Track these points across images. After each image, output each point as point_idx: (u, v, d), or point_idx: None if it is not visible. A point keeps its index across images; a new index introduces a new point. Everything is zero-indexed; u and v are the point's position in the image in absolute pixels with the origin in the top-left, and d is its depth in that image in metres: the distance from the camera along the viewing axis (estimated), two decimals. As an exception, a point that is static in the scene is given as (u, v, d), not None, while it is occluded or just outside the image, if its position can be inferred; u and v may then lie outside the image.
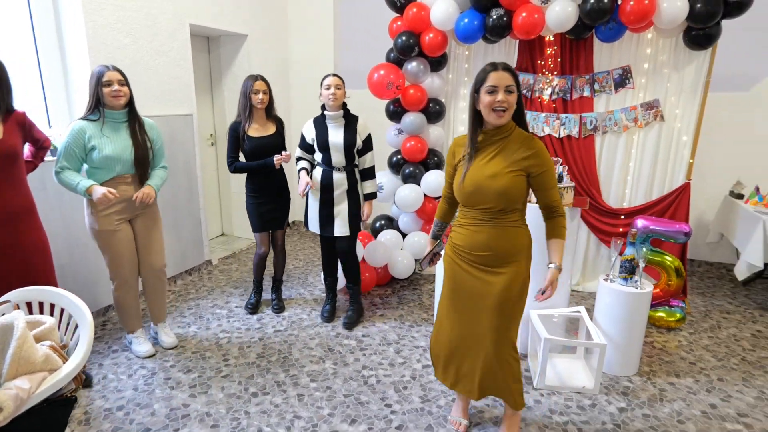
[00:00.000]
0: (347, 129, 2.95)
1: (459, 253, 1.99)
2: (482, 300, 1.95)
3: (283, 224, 3.33)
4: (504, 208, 1.87)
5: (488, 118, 1.83)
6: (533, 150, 1.83)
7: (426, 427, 2.26)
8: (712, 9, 2.94)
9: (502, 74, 1.77)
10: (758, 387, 2.61)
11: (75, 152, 2.45)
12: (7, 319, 1.48)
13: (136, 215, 2.70)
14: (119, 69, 2.50)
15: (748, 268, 3.36)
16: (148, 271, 2.80)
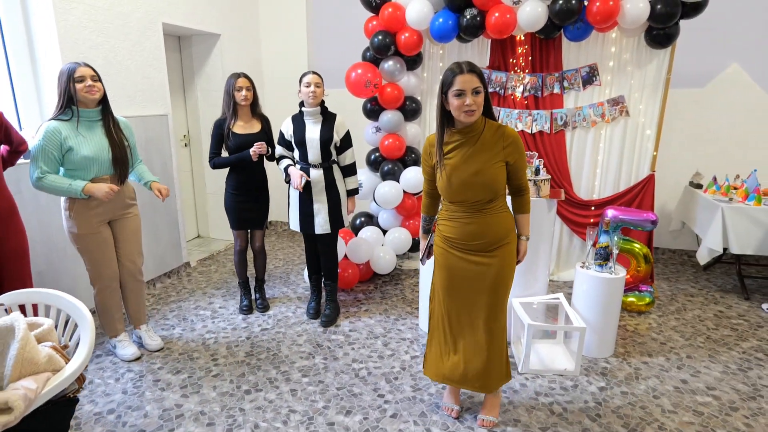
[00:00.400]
0: (324, 125, 2.99)
1: (452, 243, 2.07)
2: (479, 281, 2.06)
3: (263, 224, 3.33)
4: (491, 198, 1.97)
5: (459, 118, 1.90)
6: (510, 139, 1.95)
7: (419, 414, 2.33)
8: (671, 10, 3.13)
9: (468, 77, 1.82)
10: (723, 362, 2.80)
11: (53, 154, 2.36)
12: (7, 321, 1.45)
13: (118, 216, 2.66)
14: (90, 65, 2.44)
15: (709, 252, 3.58)
16: (126, 273, 2.76)
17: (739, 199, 3.56)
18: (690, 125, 4.30)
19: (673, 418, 2.31)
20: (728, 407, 2.39)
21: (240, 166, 3.12)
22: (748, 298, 3.67)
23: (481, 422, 2.23)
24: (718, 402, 2.43)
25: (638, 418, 2.30)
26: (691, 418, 2.30)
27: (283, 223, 5.53)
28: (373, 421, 2.27)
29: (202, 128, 4.72)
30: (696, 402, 2.43)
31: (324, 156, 3.01)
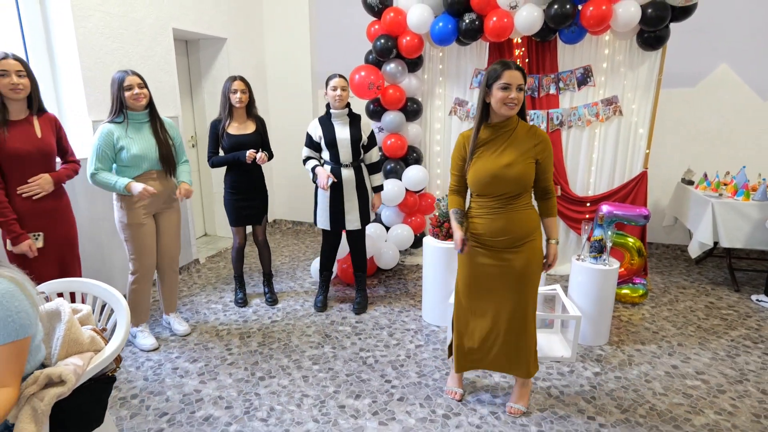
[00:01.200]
0: (352, 126, 3.13)
1: (480, 241, 2.17)
2: (503, 278, 2.16)
3: (261, 220, 3.46)
4: (518, 193, 2.08)
5: (500, 111, 2.01)
6: (541, 138, 2.07)
7: (425, 397, 2.47)
8: (662, 14, 3.27)
9: (515, 73, 1.96)
10: (712, 349, 2.95)
11: (107, 153, 2.63)
12: (53, 305, 1.59)
13: (162, 210, 2.89)
14: (138, 73, 2.67)
15: (700, 246, 3.73)
16: (166, 263, 3.00)
17: (729, 195, 3.72)
18: (682, 124, 4.45)
19: (663, 399, 2.45)
20: (716, 390, 2.54)
21: (236, 165, 3.25)
22: (738, 290, 3.82)
23: (510, 409, 2.34)
24: (706, 385, 2.58)
25: (631, 400, 2.45)
26: (680, 400, 2.45)
27: (287, 221, 5.67)
28: (382, 404, 2.41)
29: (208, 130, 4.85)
30: (686, 385, 2.58)
31: (354, 155, 3.15)
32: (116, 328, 1.69)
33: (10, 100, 2.26)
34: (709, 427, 2.25)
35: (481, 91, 2.06)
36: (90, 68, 3.19)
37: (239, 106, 3.20)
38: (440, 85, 4.21)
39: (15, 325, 1.31)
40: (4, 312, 1.30)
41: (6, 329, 1.30)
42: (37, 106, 2.38)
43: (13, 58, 2.24)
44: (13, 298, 1.32)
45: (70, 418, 1.52)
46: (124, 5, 3.41)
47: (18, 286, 1.35)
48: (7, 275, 1.36)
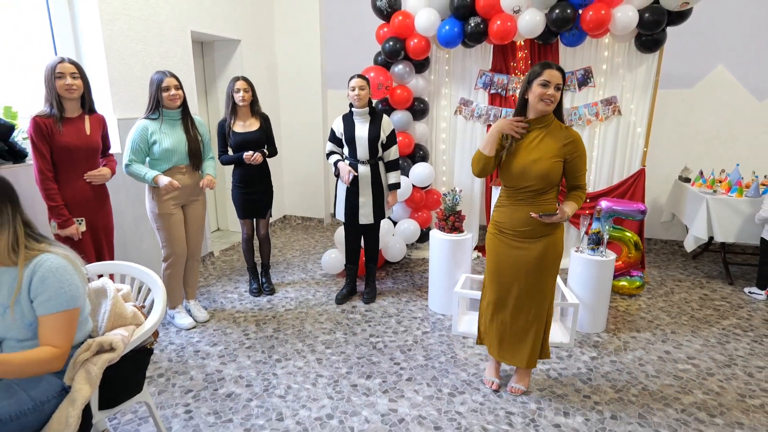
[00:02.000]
0: (372, 124, 3.28)
1: (502, 231, 2.32)
2: (524, 264, 2.29)
3: (265, 213, 3.64)
4: (542, 188, 2.19)
5: (536, 107, 2.14)
6: (572, 138, 2.16)
7: (431, 378, 2.64)
8: (658, 18, 3.43)
9: (555, 73, 2.09)
10: (704, 337, 3.10)
11: (141, 147, 2.87)
12: (98, 283, 1.78)
13: (189, 201, 3.10)
14: (175, 75, 2.90)
15: (695, 241, 3.89)
16: (190, 252, 3.20)
17: (723, 192, 3.87)
18: (680, 123, 4.61)
19: (655, 381, 2.62)
20: (705, 373, 2.70)
21: (242, 162, 3.40)
22: (732, 283, 3.97)
23: (511, 389, 2.51)
24: (696, 369, 2.74)
25: (624, 381, 2.61)
26: (671, 382, 2.61)
27: (297, 216, 5.85)
28: (391, 384, 2.59)
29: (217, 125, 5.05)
30: (677, 369, 2.74)
31: (371, 153, 3.31)
32: (154, 304, 1.87)
33: (65, 99, 2.48)
34: (696, 405, 2.41)
35: (522, 88, 2.19)
36: (115, 68, 3.37)
37: (243, 105, 3.36)
38: (446, 85, 4.38)
39: (66, 296, 1.49)
40: (57, 284, 1.48)
41: (58, 299, 1.48)
42: (89, 105, 2.61)
43: (68, 62, 2.46)
44: (65, 272, 1.50)
45: (116, 384, 1.70)
46: (146, 9, 3.59)
47: (70, 263, 1.53)
48: (60, 253, 1.54)
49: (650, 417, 2.32)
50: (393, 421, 2.29)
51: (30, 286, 1.47)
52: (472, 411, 2.37)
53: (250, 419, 2.30)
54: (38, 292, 1.46)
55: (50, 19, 3.21)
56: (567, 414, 2.35)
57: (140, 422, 2.28)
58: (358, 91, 3.20)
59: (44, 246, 1.54)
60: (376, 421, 2.29)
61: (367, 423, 2.28)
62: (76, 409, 1.49)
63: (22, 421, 1.46)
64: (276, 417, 2.32)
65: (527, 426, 2.26)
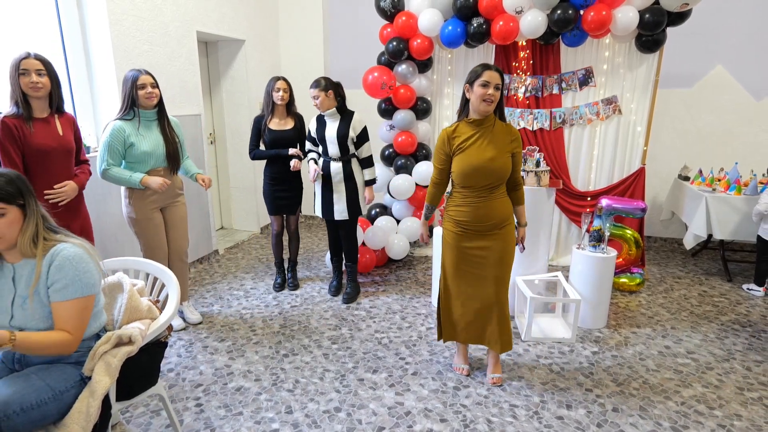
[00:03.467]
0: (341, 123, 3.33)
1: (463, 227, 2.41)
2: (486, 259, 2.42)
3: (295, 210, 3.71)
4: (497, 184, 2.34)
5: (478, 107, 2.26)
6: (515, 136, 2.35)
7: (436, 372, 2.70)
8: (658, 19, 3.48)
9: (494, 74, 2.22)
10: (703, 332, 3.16)
11: (118, 150, 2.74)
12: (114, 278, 1.82)
13: (168, 204, 3.03)
14: (150, 73, 2.80)
15: (694, 238, 3.94)
16: (173, 254, 3.13)
17: (722, 190, 3.93)
18: (679, 123, 4.66)
19: (655, 375, 2.67)
20: (704, 367, 2.75)
21: (276, 159, 3.51)
22: (731, 280, 4.03)
23: (492, 380, 2.58)
24: (695, 363, 2.80)
25: (625, 375, 2.66)
26: (671, 376, 2.67)
27: (300, 215, 5.90)
28: (397, 378, 2.64)
29: (226, 127, 5.10)
30: (677, 363, 2.79)
31: (342, 150, 3.36)
32: (168, 299, 1.92)
33: (32, 98, 2.36)
34: (696, 397, 2.47)
35: (464, 88, 2.32)
36: (123, 68, 3.41)
37: (281, 103, 3.45)
38: (449, 85, 4.43)
39: (81, 283, 1.54)
40: (74, 271, 1.53)
41: (74, 286, 1.53)
42: (56, 104, 2.46)
43: (34, 57, 2.31)
44: (82, 260, 1.55)
45: (133, 375, 1.75)
46: (153, 10, 3.64)
47: (87, 252, 1.58)
48: (77, 242, 1.59)
49: (651, 409, 2.37)
50: (400, 413, 2.34)
51: (48, 274, 1.52)
52: (476, 404, 2.42)
53: (260, 412, 2.35)
54: (55, 279, 1.51)
55: (59, 20, 3.25)
56: (570, 407, 2.40)
57: (152, 415, 2.33)
58: (313, 100, 3.27)
59: (61, 237, 1.59)
60: (383, 413, 2.34)
61: (374, 415, 2.33)
62: (96, 399, 1.54)
63: (44, 409, 1.51)
64: (285, 410, 2.37)
65: (531, 418, 2.32)
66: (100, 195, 3.32)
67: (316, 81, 3.27)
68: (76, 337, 1.54)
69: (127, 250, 3.55)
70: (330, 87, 3.27)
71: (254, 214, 5.31)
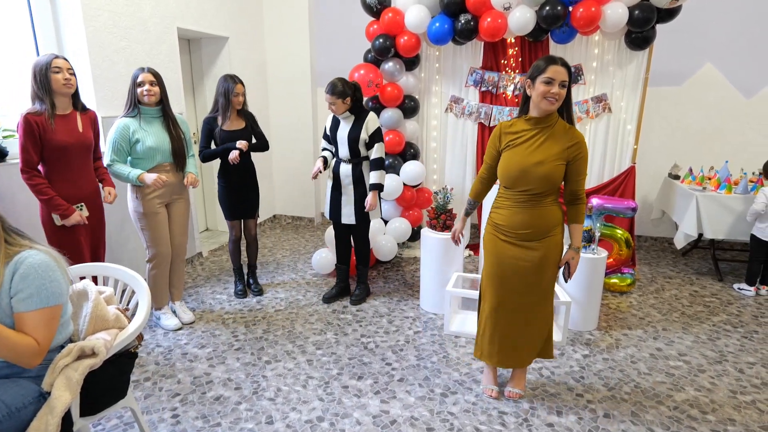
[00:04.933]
0: (354, 125, 3.23)
1: (501, 232, 2.22)
2: (525, 268, 2.18)
3: (254, 214, 3.58)
4: (543, 192, 2.09)
5: (540, 105, 2.02)
6: (576, 140, 2.05)
7: (423, 378, 2.61)
8: (648, 15, 3.43)
9: (561, 69, 1.96)
10: (695, 334, 3.11)
11: (122, 147, 2.80)
12: (79, 286, 1.72)
13: (173, 200, 3.03)
14: (153, 71, 2.82)
15: (685, 237, 3.90)
16: (174, 252, 3.13)
17: (712, 189, 3.88)
18: (669, 121, 4.62)
19: (647, 378, 2.61)
20: (696, 369, 2.70)
21: (225, 161, 3.34)
22: (722, 279, 3.99)
23: (510, 394, 2.43)
24: (688, 365, 2.74)
25: (617, 379, 2.60)
26: (663, 379, 2.61)
27: (287, 216, 5.80)
28: (383, 384, 2.55)
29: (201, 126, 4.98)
30: (668, 365, 2.74)
31: (352, 153, 3.27)
32: (138, 306, 1.81)
33: (58, 95, 2.45)
34: (689, 402, 2.41)
35: (524, 85, 2.10)
36: (99, 65, 3.30)
37: (238, 107, 3.33)
38: (437, 83, 4.35)
39: (47, 293, 1.44)
40: (40, 280, 1.43)
41: (39, 296, 1.43)
42: (81, 103, 2.60)
43: (63, 59, 2.44)
44: (48, 268, 1.45)
45: (99, 389, 1.65)
46: (131, 5, 3.52)
47: (53, 260, 1.48)
48: (43, 249, 1.49)
49: (643, 415, 2.31)
50: (385, 422, 2.26)
51: (11, 283, 1.41)
52: (464, 411, 2.34)
53: (239, 423, 2.25)
54: (18, 288, 1.41)
55: (31, 15, 3.13)
56: (560, 413, 2.33)
57: (126, 427, 2.22)
58: (329, 106, 3.18)
59: (26, 242, 1.49)
60: (367, 423, 2.25)
61: (358, 425, 2.24)
62: (56, 416, 1.44)
63: (-1, 429, 1.40)
64: (266, 420, 2.27)
65: (520, 426, 2.24)
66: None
67: (332, 85, 3.11)
68: (42, 347, 1.43)
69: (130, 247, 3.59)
70: (348, 94, 3.13)
71: (240, 216, 5.19)
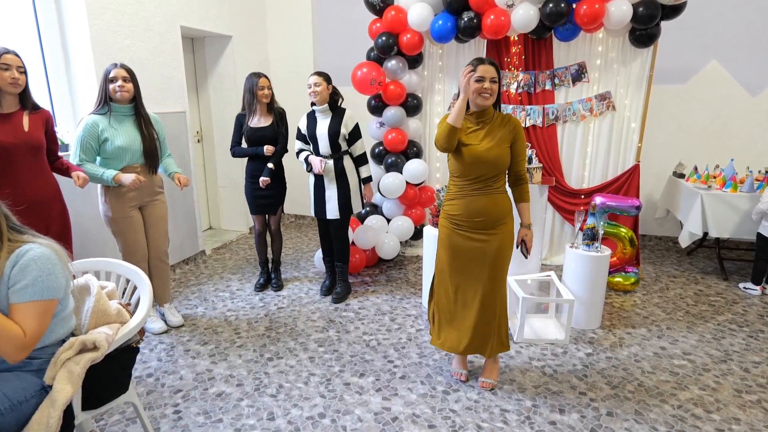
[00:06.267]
0: (333, 120, 3.27)
1: (456, 222, 2.34)
2: (480, 257, 2.33)
3: (277, 210, 3.62)
4: (494, 175, 2.26)
5: (476, 101, 2.22)
6: (513, 124, 2.28)
7: (425, 375, 2.61)
8: (652, 12, 3.41)
9: (489, 67, 2.18)
10: (699, 333, 3.08)
11: (91, 145, 2.68)
12: (81, 281, 1.72)
13: (146, 202, 2.94)
14: (126, 67, 2.71)
15: (690, 236, 3.87)
16: (153, 255, 3.04)
17: (717, 187, 3.86)
18: (673, 119, 4.59)
19: (651, 377, 2.59)
20: (701, 369, 2.68)
21: (256, 157, 3.45)
22: (727, 278, 3.96)
23: (482, 383, 2.50)
24: (692, 364, 2.72)
25: (620, 378, 2.58)
26: (667, 378, 2.59)
27: (290, 214, 5.80)
28: (385, 382, 2.55)
29: (214, 125, 5.00)
30: (673, 365, 2.72)
31: (333, 148, 3.29)
32: (140, 301, 1.82)
33: (4, 93, 2.31)
34: (693, 401, 2.39)
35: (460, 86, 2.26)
36: (103, 64, 3.29)
37: (265, 101, 3.39)
38: (440, 81, 4.34)
39: (43, 285, 1.43)
40: (37, 273, 1.43)
41: (34, 287, 1.42)
42: (31, 102, 2.43)
43: (14, 54, 2.30)
44: (47, 261, 1.45)
45: (100, 383, 1.65)
46: (134, 4, 3.53)
47: (55, 253, 1.49)
48: (45, 243, 1.49)
49: (646, 413, 2.29)
50: (386, 419, 2.25)
51: (10, 275, 1.42)
52: (466, 409, 2.33)
53: (241, 419, 2.25)
54: (16, 279, 1.41)
55: (35, 13, 3.14)
56: (563, 411, 2.31)
57: (128, 423, 2.23)
58: (314, 87, 3.20)
59: (27, 237, 1.50)
60: (369, 419, 2.25)
61: (360, 422, 2.24)
62: (57, 410, 1.44)
63: (0, 421, 1.41)
64: (267, 416, 2.27)
65: (522, 423, 2.23)
66: (78, 194, 3.19)
67: (319, 71, 3.26)
68: (29, 340, 1.41)
69: (108, 252, 3.43)
70: (330, 82, 3.27)
71: (243, 214, 5.20)
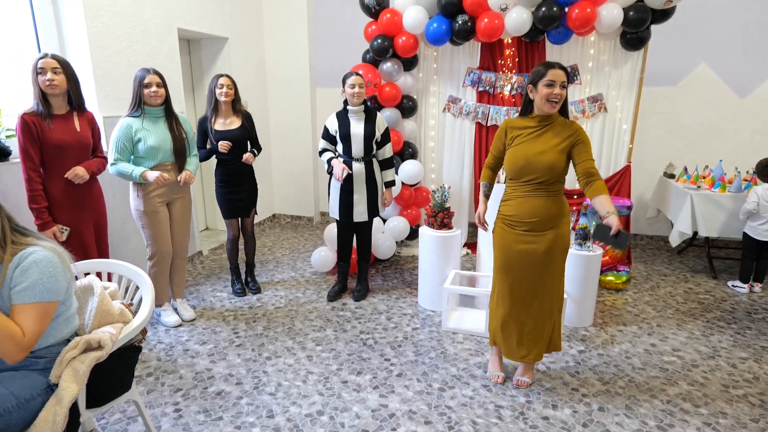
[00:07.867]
0: (368, 122, 3.28)
1: (509, 223, 2.34)
2: (531, 258, 2.30)
3: (250, 212, 3.61)
4: (548, 179, 2.22)
5: (542, 108, 2.19)
6: (574, 129, 2.22)
7: (422, 373, 2.66)
8: (642, 16, 3.48)
9: (559, 72, 2.14)
10: (689, 330, 3.16)
11: (126, 146, 2.85)
12: (85, 281, 1.76)
13: (174, 199, 3.08)
14: (159, 72, 2.88)
15: (680, 235, 3.94)
16: (175, 250, 3.18)
17: (707, 187, 3.94)
18: (664, 120, 4.67)
19: (641, 373, 2.66)
20: (690, 365, 2.75)
21: (224, 161, 3.38)
22: (716, 277, 4.04)
23: (518, 382, 2.52)
24: (681, 361, 2.79)
25: (612, 374, 2.65)
26: (657, 374, 2.65)
27: (286, 215, 5.84)
28: (382, 379, 2.59)
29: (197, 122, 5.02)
30: (663, 361, 2.78)
31: (366, 150, 3.31)
32: (142, 301, 1.85)
33: (49, 96, 2.48)
34: (682, 396, 2.45)
35: (525, 88, 2.26)
36: (100, 66, 3.33)
37: (225, 100, 3.30)
38: (434, 83, 4.39)
39: (43, 288, 1.46)
40: (38, 275, 1.46)
41: (35, 289, 1.45)
42: (76, 103, 2.61)
43: (51, 57, 2.45)
44: (49, 264, 1.48)
45: (104, 382, 1.69)
46: (132, 5, 3.55)
47: (57, 256, 1.52)
48: (48, 246, 1.52)
49: (637, 408, 2.35)
50: (383, 416, 2.30)
51: (12, 277, 1.45)
52: (462, 405, 2.38)
53: (240, 417, 2.30)
54: (18, 281, 1.44)
55: (33, 15, 3.16)
56: (555, 406, 2.37)
57: (129, 421, 2.26)
58: (358, 89, 3.19)
59: (31, 239, 1.53)
60: (366, 416, 2.30)
61: (357, 418, 2.28)
62: (63, 407, 1.48)
63: (7, 419, 1.44)
64: (266, 414, 2.31)
65: (516, 419, 2.28)
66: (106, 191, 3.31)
67: (358, 72, 3.26)
68: (27, 341, 1.43)
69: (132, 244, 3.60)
70: None
71: (239, 215, 5.23)
